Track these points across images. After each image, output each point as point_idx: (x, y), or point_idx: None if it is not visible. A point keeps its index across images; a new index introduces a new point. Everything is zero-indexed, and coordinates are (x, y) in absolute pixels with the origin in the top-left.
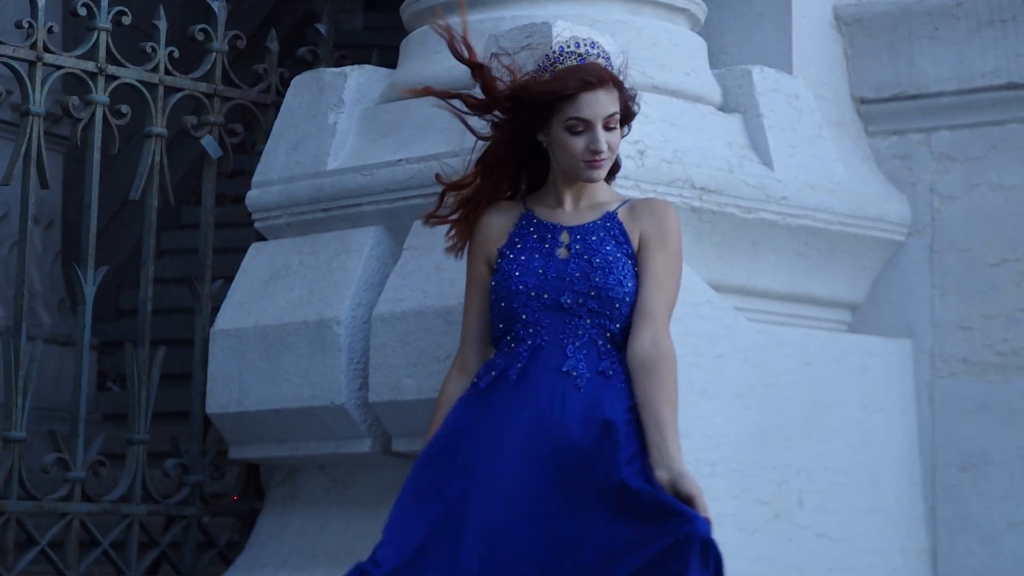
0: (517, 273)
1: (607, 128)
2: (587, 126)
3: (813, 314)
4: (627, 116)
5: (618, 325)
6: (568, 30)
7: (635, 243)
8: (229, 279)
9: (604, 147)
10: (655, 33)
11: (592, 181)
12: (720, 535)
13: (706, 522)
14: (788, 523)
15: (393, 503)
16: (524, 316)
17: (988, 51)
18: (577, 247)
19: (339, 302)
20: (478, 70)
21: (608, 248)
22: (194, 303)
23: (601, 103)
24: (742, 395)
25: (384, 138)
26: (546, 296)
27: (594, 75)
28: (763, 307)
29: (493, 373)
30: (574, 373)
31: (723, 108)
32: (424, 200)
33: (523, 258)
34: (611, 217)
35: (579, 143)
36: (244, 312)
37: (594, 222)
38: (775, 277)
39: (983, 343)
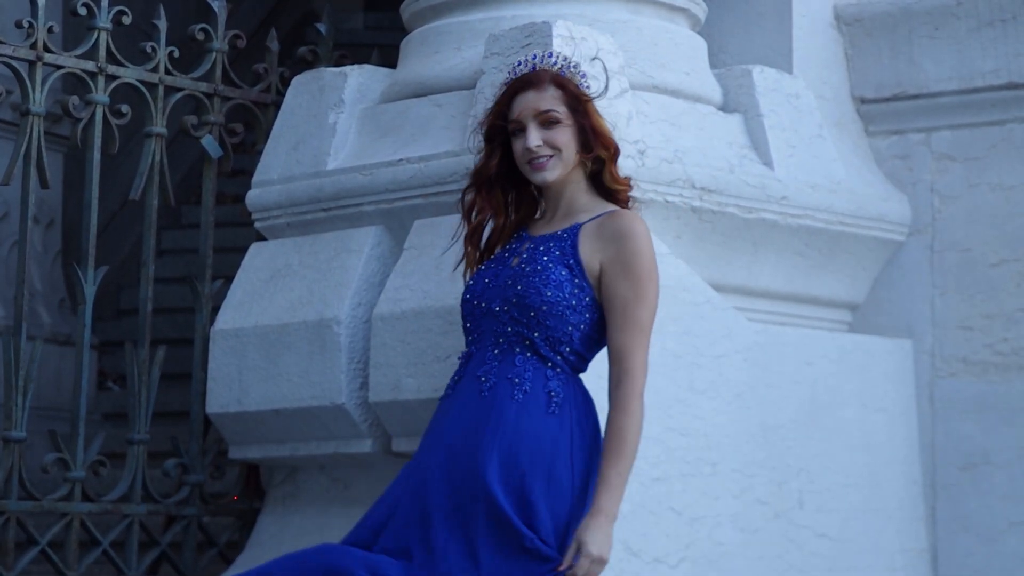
0: (471, 282)
1: (545, 125)
2: (521, 126)
3: (813, 314)
4: (579, 118)
5: (536, 334)
6: (568, 30)
7: (587, 263)
8: (229, 279)
9: (533, 143)
10: (655, 33)
11: (541, 183)
12: (720, 535)
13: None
14: (788, 523)
15: None
16: (468, 324)
17: (988, 51)
18: (525, 256)
19: (339, 302)
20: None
21: (546, 258)
22: (194, 303)
23: (530, 101)
24: (742, 395)
25: (384, 138)
26: (484, 304)
27: (525, 78)
28: (763, 307)
29: (453, 378)
30: (483, 378)
31: (723, 108)
32: (424, 200)
33: (482, 268)
34: (574, 230)
35: (519, 146)
36: (244, 312)
37: (555, 232)
38: (775, 277)
39: (983, 343)
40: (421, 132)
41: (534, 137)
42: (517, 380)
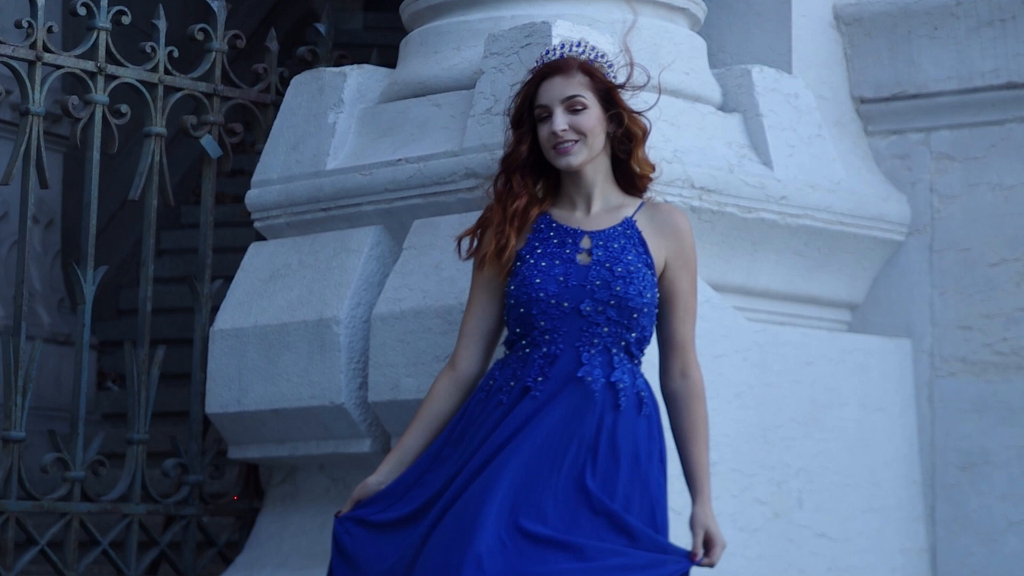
0: (538, 280)
1: (571, 111)
2: (548, 111)
3: (813, 314)
4: (608, 104)
5: (634, 335)
6: (568, 30)
7: (656, 259)
8: (229, 279)
9: (560, 127)
10: (655, 33)
11: (566, 168)
12: (720, 535)
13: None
14: (788, 523)
15: None
16: (543, 323)
17: (988, 51)
18: (599, 254)
19: (339, 302)
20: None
21: (630, 257)
22: (194, 303)
23: (557, 86)
24: (742, 395)
25: (383, 138)
26: (566, 304)
27: (552, 64)
28: (763, 307)
29: (512, 384)
30: (588, 379)
31: (723, 108)
32: (423, 200)
33: (543, 264)
34: (630, 224)
35: (544, 131)
36: (244, 312)
37: (614, 228)
38: (775, 277)
39: (983, 343)
40: (420, 132)
41: (560, 121)
42: (620, 385)
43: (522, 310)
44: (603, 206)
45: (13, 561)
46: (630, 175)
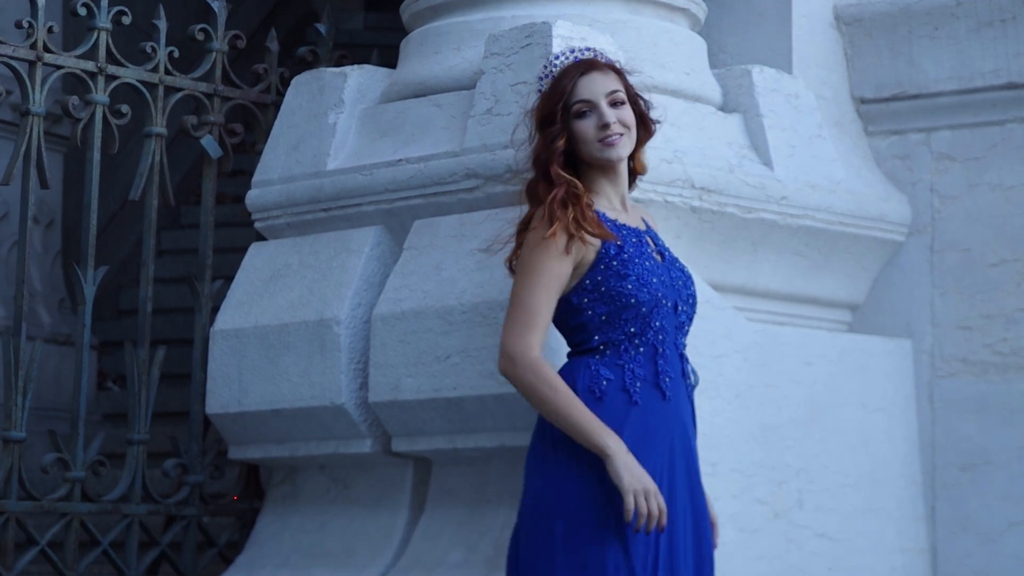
0: (654, 280)
1: (614, 105)
2: (591, 106)
3: (813, 314)
4: (635, 105)
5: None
6: (568, 30)
7: None
8: (229, 279)
9: (612, 119)
10: (655, 33)
11: (611, 161)
12: (720, 535)
13: None
14: (788, 523)
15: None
16: (657, 323)
17: (988, 51)
18: (666, 254)
19: (339, 302)
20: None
21: (675, 255)
22: (194, 303)
23: (598, 81)
24: (742, 395)
25: (384, 138)
26: (667, 303)
27: (588, 61)
28: (763, 307)
29: (639, 385)
30: (690, 380)
31: (723, 108)
32: (424, 200)
33: (647, 263)
34: (647, 223)
35: (589, 125)
36: (244, 312)
37: (649, 228)
38: (775, 277)
39: (983, 343)
40: (421, 132)
41: (610, 114)
42: (691, 382)
43: (644, 309)
44: (631, 205)
45: (13, 561)
46: (630, 174)
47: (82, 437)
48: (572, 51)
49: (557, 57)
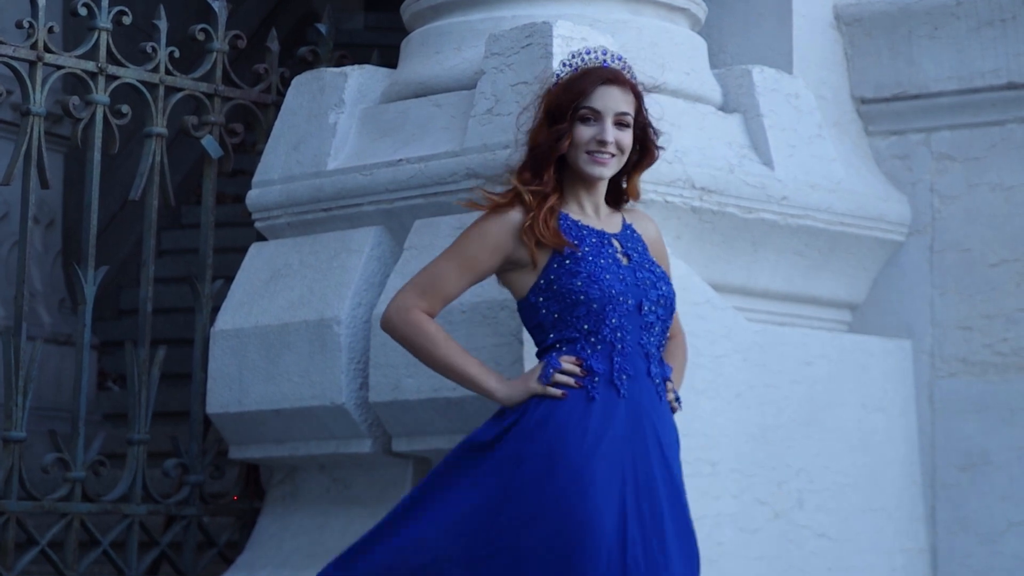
0: (607, 276)
1: (618, 125)
2: (597, 117)
3: (813, 314)
4: (643, 131)
5: (666, 332)
6: (569, 30)
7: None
8: (229, 279)
9: (611, 139)
10: (655, 33)
11: (593, 177)
12: (720, 535)
13: None
14: (788, 523)
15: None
16: (613, 320)
17: (988, 51)
18: (634, 256)
19: (339, 302)
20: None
21: (652, 258)
22: (194, 303)
23: (614, 98)
24: (742, 395)
25: (384, 138)
26: (630, 302)
27: (613, 73)
28: (763, 307)
29: (597, 379)
30: (657, 380)
31: (723, 108)
32: (424, 200)
33: (602, 261)
34: (630, 227)
35: (586, 132)
36: (244, 312)
37: (624, 231)
38: (775, 277)
39: (983, 343)
40: (421, 132)
41: (611, 133)
42: (661, 380)
43: (595, 306)
44: (607, 212)
45: (14, 561)
46: (617, 192)
47: (82, 437)
48: (605, 52)
49: (589, 52)
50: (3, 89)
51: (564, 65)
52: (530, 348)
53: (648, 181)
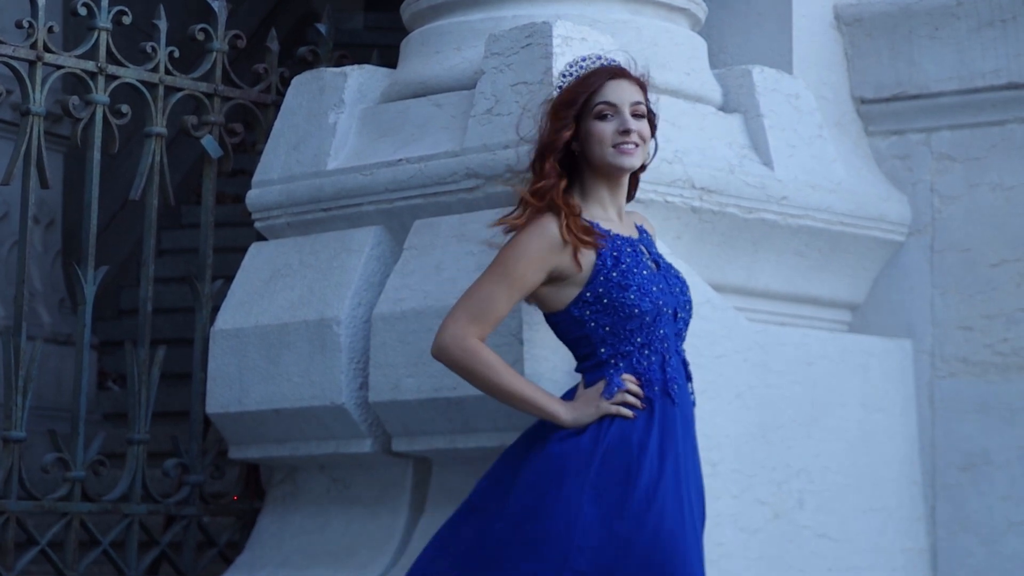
0: (654, 289)
1: (635, 116)
2: (615, 110)
3: (813, 314)
4: (650, 119)
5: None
6: (569, 30)
7: None
8: (229, 279)
9: (634, 127)
10: (655, 33)
11: (623, 168)
12: (720, 535)
13: None
14: (788, 523)
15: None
16: (662, 331)
17: (988, 51)
18: (660, 262)
19: (339, 302)
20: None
21: (669, 262)
22: (194, 303)
23: (627, 89)
24: (742, 395)
25: (384, 138)
26: (668, 310)
27: (619, 68)
28: (763, 307)
29: (656, 389)
30: (690, 384)
31: (723, 108)
32: (424, 200)
33: (645, 272)
34: (643, 230)
35: (608, 128)
36: (244, 312)
37: (641, 236)
38: (775, 277)
39: (983, 343)
40: (421, 132)
41: (632, 122)
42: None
43: (647, 319)
44: (626, 212)
45: (13, 561)
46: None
47: (82, 437)
48: (600, 57)
49: (585, 59)
50: (3, 89)
51: (564, 76)
52: (530, 348)
53: (648, 181)
